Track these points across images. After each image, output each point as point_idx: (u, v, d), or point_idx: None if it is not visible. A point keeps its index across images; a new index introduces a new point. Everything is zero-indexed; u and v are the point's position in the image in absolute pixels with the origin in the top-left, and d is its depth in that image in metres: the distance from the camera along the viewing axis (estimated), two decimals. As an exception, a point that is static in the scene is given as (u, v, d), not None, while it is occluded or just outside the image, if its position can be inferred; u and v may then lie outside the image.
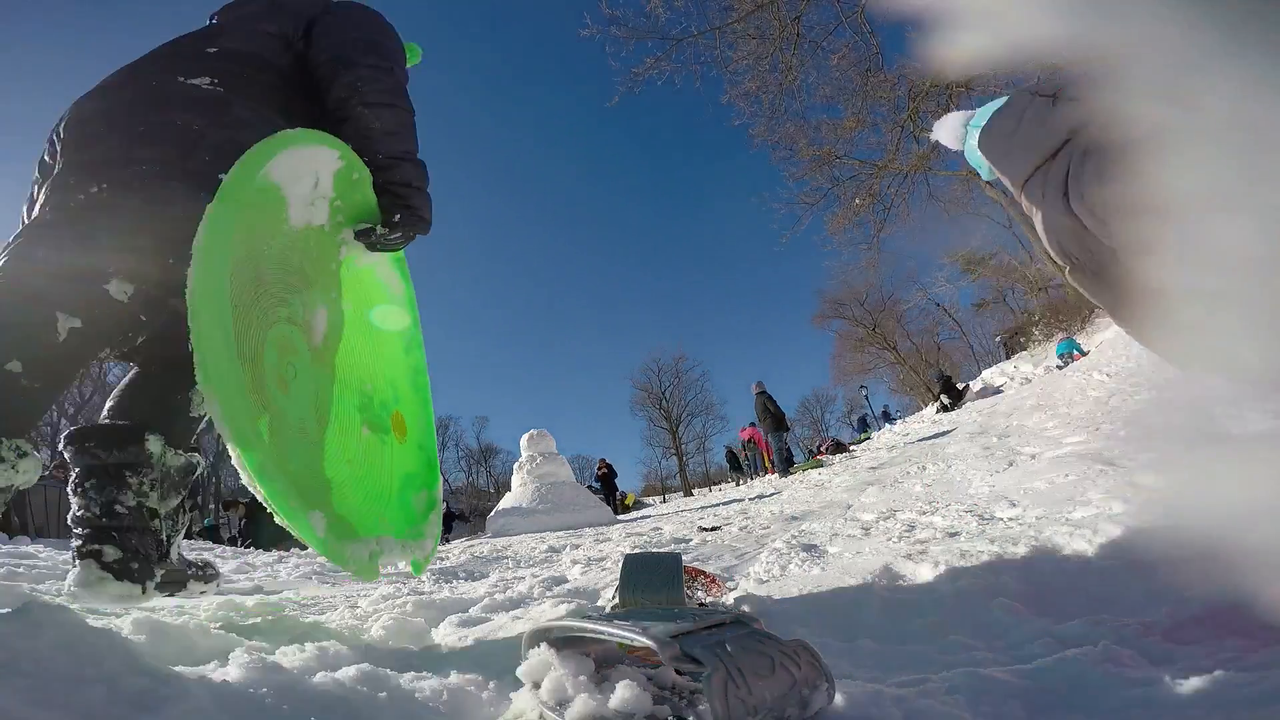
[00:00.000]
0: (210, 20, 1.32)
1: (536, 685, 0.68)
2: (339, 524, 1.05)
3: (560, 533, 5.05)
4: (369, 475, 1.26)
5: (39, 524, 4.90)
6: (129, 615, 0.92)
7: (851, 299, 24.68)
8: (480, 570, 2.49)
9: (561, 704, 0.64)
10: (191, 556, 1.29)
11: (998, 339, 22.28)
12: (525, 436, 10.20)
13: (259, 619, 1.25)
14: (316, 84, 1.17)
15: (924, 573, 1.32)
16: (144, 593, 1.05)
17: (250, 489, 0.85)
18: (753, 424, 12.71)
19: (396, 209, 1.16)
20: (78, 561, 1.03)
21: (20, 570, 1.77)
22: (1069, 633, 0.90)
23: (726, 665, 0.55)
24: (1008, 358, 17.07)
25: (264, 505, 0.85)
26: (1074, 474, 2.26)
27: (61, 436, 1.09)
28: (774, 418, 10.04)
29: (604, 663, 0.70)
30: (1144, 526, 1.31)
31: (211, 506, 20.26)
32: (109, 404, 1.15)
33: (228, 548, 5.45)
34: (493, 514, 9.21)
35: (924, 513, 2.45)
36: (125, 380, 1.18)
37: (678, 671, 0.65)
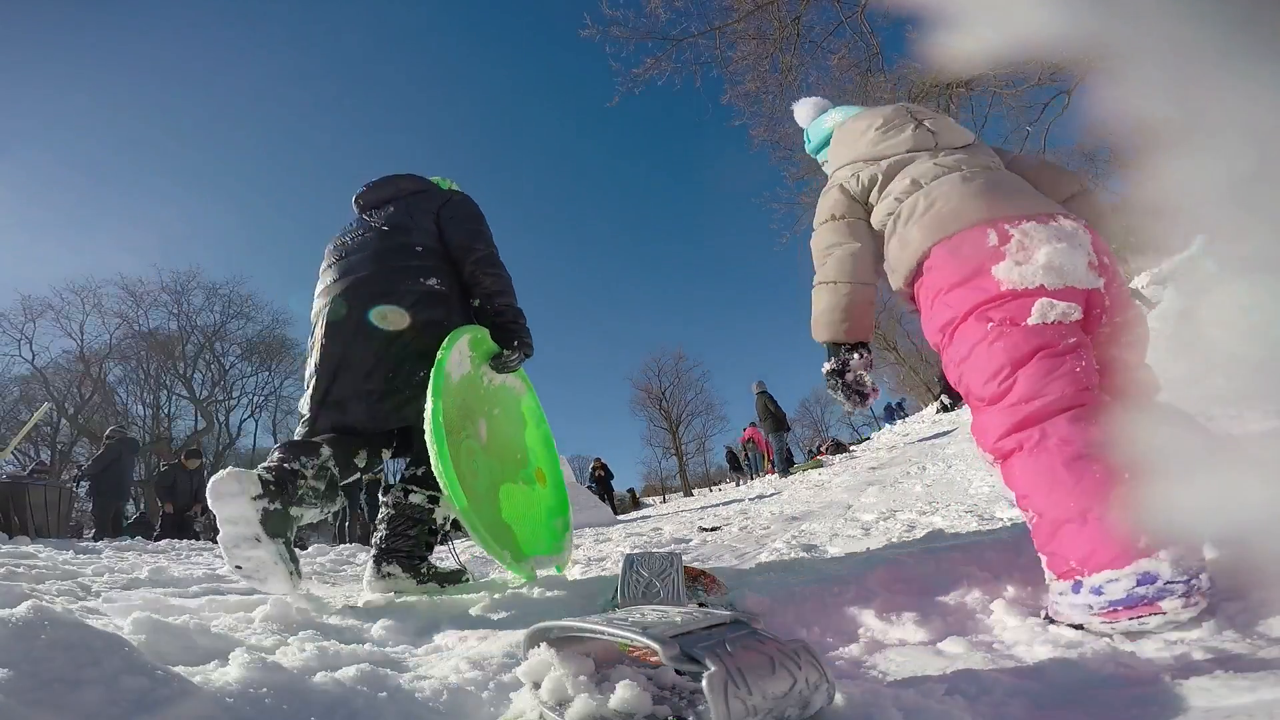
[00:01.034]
0: (358, 202, 1.91)
1: (536, 685, 0.68)
2: (517, 550, 1.70)
3: (560, 533, 5.06)
4: (530, 514, 1.93)
5: (39, 524, 4.90)
6: (130, 615, 0.92)
7: (852, 299, 24.55)
8: (480, 570, 2.49)
9: (561, 704, 0.64)
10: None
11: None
12: (525, 437, 10.19)
13: (259, 619, 1.25)
14: (450, 255, 1.78)
15: (924, 573, 1.32)
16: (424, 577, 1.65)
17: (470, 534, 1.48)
18: (753, 424, 12.69)
19: (511, 341, 1.73)
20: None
21: (20, 570, 1.77)
22: (1069, 633, 0.90)
23: (727, 665, 0.55)
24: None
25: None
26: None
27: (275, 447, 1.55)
28: (774, 418, 10.03)
29: (604, 663, 0.70)
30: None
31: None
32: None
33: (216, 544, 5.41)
34: (493, 514, 9.17)
35: (924, 513, 2.45)
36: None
37: (678, 671, 0.65)
